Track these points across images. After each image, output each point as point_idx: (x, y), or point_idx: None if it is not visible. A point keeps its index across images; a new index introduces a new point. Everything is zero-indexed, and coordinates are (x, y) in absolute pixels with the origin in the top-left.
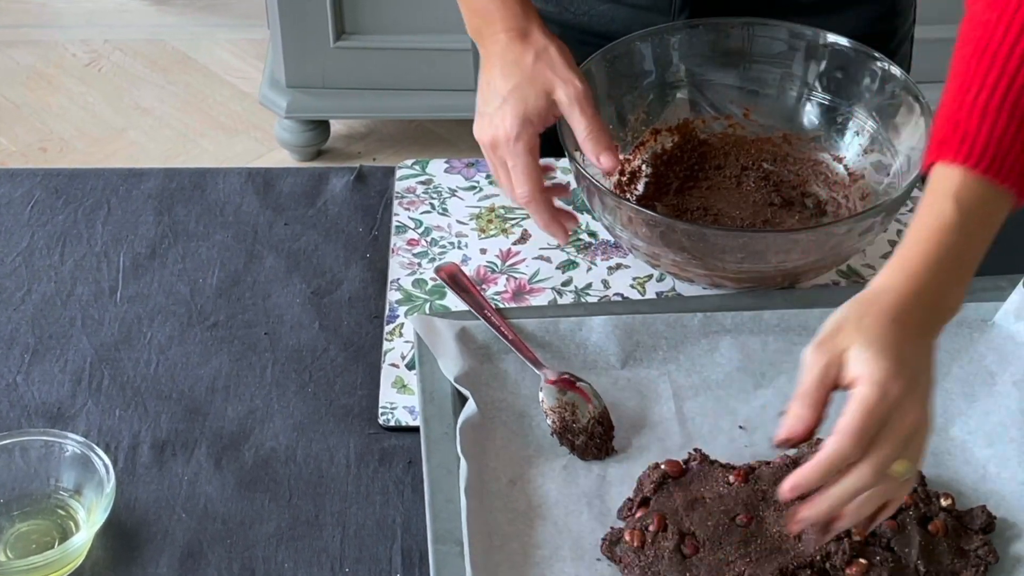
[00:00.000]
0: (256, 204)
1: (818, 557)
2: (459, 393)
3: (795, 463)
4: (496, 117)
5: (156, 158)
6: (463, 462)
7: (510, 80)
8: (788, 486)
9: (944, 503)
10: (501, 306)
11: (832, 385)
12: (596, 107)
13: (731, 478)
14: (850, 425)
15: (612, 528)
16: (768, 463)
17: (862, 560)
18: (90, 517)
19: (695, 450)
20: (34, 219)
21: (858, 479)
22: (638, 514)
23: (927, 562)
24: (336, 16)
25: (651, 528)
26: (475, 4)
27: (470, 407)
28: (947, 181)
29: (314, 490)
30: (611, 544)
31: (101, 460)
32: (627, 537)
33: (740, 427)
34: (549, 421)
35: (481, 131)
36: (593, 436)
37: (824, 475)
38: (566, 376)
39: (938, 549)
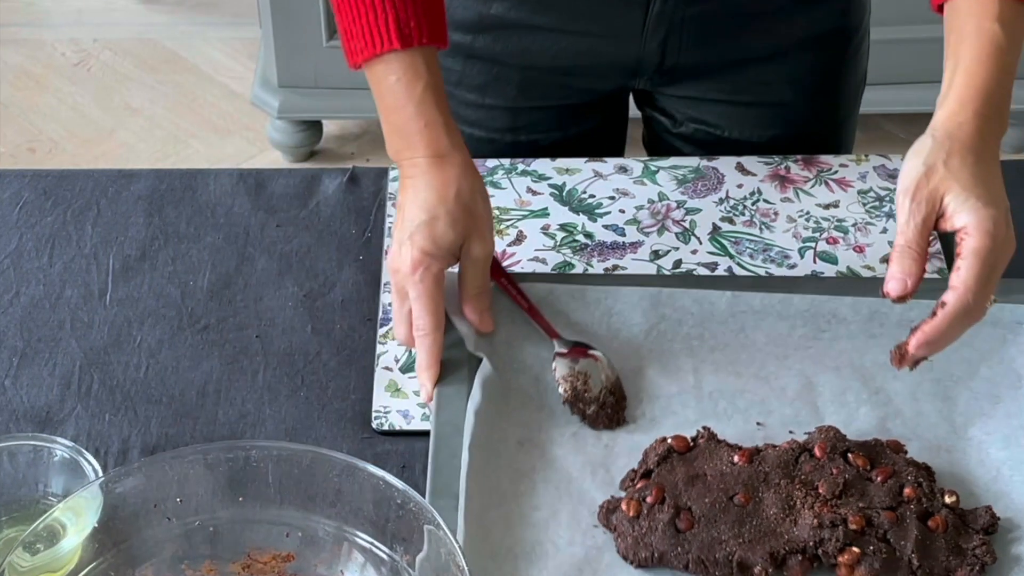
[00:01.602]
0: (248, 206)
1: (811, 543)
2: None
3: (802, 448)
4: (404, 247)
5: (146, 159)
6: (472, 418)
7: (424, 211)
8: (916, 343)
9: (948, 500)
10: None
11: (930, 232)
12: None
13: (736, 458)
14: (972, 280)
15: (612, 497)
16: (775, 447)
17: (855, 549)
18: (79, 522)
19: (704, 428)
20: (22, 221)
21: (971, 321)
22: (639, 485)
23: (921, 557)
24: (328, 15)
25: (648, 500)
26: (397, 121)
27: (486, 367)
28: (985, 7)
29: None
30: (608, 512)
31: (90, 465)
32: (623, 506)
33: (756, 412)
34: (561, 390)
35: (391, 259)
36: (604, 406)
37: (952, 329)
38: (580, 345)
39: (935, 545)
